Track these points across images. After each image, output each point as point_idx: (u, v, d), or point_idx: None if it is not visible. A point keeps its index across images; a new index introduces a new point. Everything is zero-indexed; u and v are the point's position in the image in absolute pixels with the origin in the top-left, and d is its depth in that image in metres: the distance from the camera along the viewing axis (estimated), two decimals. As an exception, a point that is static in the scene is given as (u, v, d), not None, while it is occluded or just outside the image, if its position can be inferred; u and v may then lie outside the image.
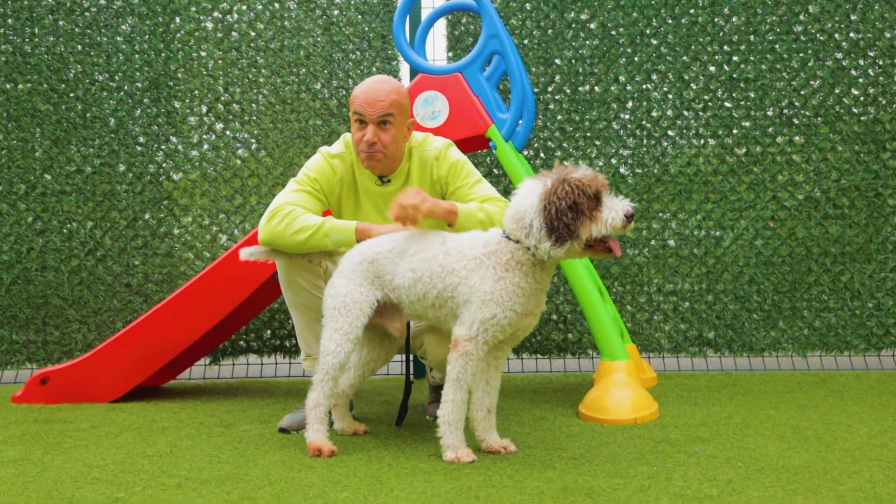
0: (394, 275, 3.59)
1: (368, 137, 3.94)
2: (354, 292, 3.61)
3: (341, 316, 3.59)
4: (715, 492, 2.96)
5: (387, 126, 3.96)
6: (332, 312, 3.62)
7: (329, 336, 3.60)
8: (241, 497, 3.00)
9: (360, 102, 3.94)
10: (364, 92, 3.96)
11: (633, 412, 4.18)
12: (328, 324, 3.63)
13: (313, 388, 3.63)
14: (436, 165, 4.14)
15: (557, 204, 3.23)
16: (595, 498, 2.91)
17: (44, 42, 5.65)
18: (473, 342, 3.39)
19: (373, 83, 4.02)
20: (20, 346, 5.63)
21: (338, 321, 3.59)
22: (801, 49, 5.69)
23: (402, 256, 3.58)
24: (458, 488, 3.06)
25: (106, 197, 5.67)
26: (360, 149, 3.98)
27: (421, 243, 3.58)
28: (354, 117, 3.97)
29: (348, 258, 3.70)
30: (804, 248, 5.67)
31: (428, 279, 3.50)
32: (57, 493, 3.10)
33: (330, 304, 3.64)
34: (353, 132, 4.02)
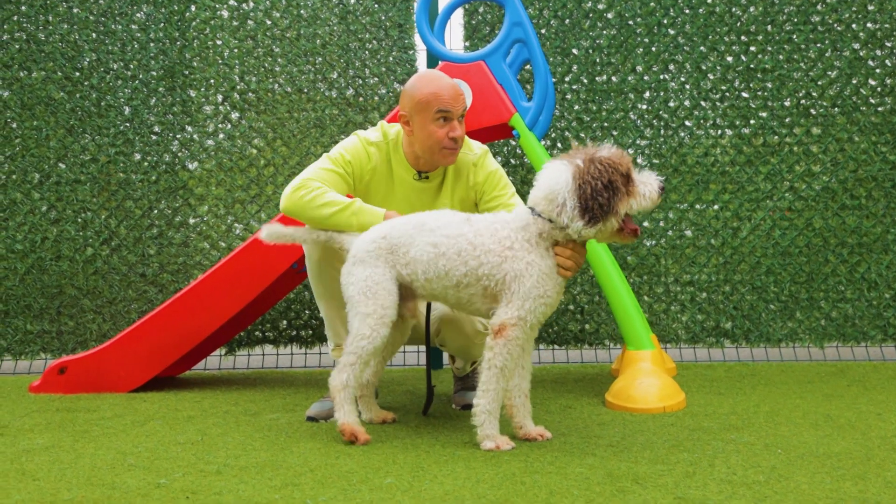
0: (409, 248, 3.52)
1: (459, 133, 3.93)
2: (374, 274, 3.52)
3: (368, 300, 3.50)
4: (762, 478, 2.95)
5: (462, 119, 3.98)
6: (358, 298, 3.53)
7: (362, 321, 3.50)
8: (284, 483, 2.97)
9: (446, 99, 3.89)
10: (445, 88, 3.91)
11: (661, 401, 4.17)
12: (356, 309, 3.53)
13: (340, 370, 3.52)
14: (473, 171, 4.13)
15: (593, 183, 3.22)
16: (642, 483, 2.90)
17: (58, 30, 5.61)
18: (521, 325, 3.36)
19: (441, 79, 3.98)
20: (34, 336, 5.59)
21: (366, 305, 3.50)
22: (819, 39, 5.68)
23: (418, 230, 3.52)
24: (501, 474, 3.04)
25: (121, 186, 5.62)
26: (445, 145, 3.94)
27: (441, 220, 3.53)
28: (438, 115, 3.89)
29: (359, 244, 3.62)
30: (821, 238, 5.67)
31: (455, 255, 3.43)
32: (96, 479, 3.07)
33: (352, 291, 3.55)
34: (430, 131, 3.92)
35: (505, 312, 3.37)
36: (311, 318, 5.73)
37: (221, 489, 2.91)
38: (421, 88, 3.93)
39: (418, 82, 3.97)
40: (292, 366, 5.88)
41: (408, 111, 3.97)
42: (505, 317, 3.37)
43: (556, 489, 2.85)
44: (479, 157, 4.14)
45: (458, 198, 4.14)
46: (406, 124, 4.00)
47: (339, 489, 2.89)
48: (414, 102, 3.93)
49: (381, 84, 5.74)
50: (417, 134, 3.97)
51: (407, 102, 3.96)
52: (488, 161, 4.16)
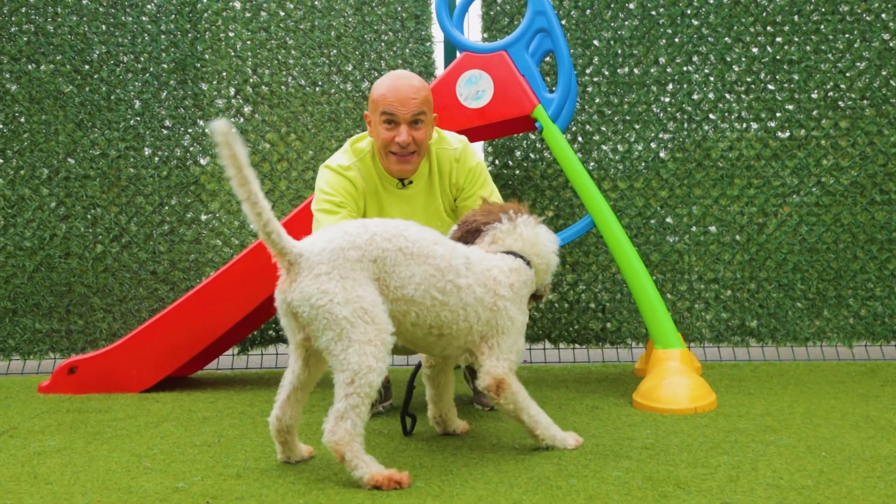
0: (403, 283, 3.00)
1: (403, 139, 3.76)
2: (367, 294, 2.89)
3: (367, 325, 2.84)
4: (810, 482, 2.82)
5: (419, 125, 3.81)
6: (353, 322, 2.83)
7: (361, 350, 2.82)
8: (308, 487, 2.85)
9: (389, 101, 3.74)
10: (392, 90, 3.76)
11: (692, 401, 4.03)
12: (351, 336, 2.82)
13: (341, 417, 2.84)
14: (455, 168, 4.03)
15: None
16: (685, 488, 2.77)
17: (67, 22, 5.47)
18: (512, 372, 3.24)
19: (398, 80, 3.81)
20: (43, 336, 5.46)
21: (364, 332, 2.83)
22: (847, 29, 5.54)
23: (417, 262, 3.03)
24: (534, 478, 2.92)
25: (131, 181, 5.49)
26: (391, 150, 3.81)
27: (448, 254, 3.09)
28: (382, 118, 3.77)
29: (335, 252, 2.91)
30: (850, 234, 5.52)
31: (461, 310, 3.10)
32: (112, 482, 2.95)
33: (341, 312, 2.82)
34: (378, 133, 3.83)
35: (494, 367, 3.19)
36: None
37: (243, 493, 2.79)
38: (376, 87, 3.83)
39: (379, 80, 3.87)
40: (307, 365, 5.74)
41: (368, 112, 3.90)
42: (498, 371, 3.19)
43: (594, 494, 2.72)
44: (460, 152, 4.03)
45: (445, 198, 4.05)
46: (369, 124, 3.91)
47: (367, 494, 2.78)
48: (370, 102, 3.86)
49: (397, 77, 5.60)
50: (373, 136, 3.89)
51: (369, 103, 3.89)
52: (469, 155, 4.06)
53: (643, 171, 5.57)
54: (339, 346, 2.83)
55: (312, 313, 2.85)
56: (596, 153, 5.59)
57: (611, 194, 5.57)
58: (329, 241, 2.93)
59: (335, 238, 2.94)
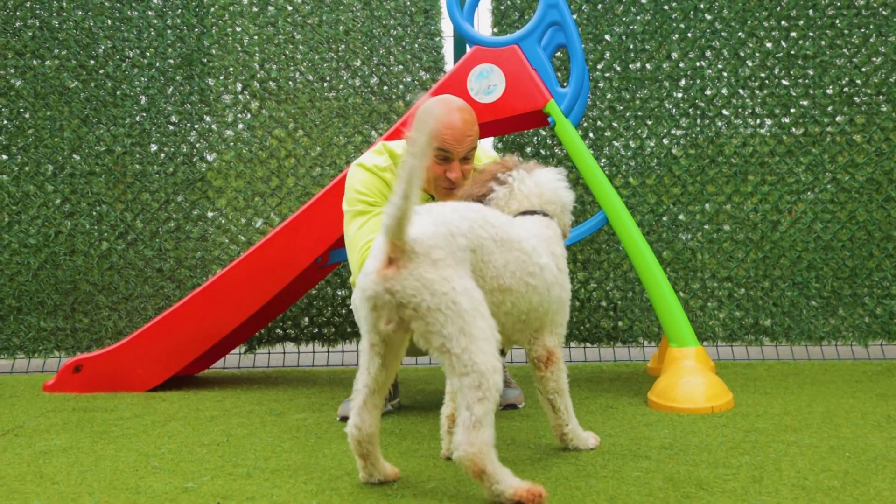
0: (499, 272, 2.80)
1: (456, 175, 3.68)
2: (476, 287, 2.63)
3: (484, 320, 2.57)
4: (837, 483, 2.74)
5: (468, 160, 3.73)
6: (474, 316, 2.55)
7: (483, 349, 2.52)
8: (320, 488, 2.77)
9: (445, 138, 3.62)
10: (448, 127, 3.61)
11: (708, 400, 3.96)
12: (473, 332, 2.53)
13: (475, 426, 2.47)
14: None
15: None
16: (708, 489, 2.69)
17: (72, 16, 5.42)
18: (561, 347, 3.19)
19: (452, 114, 3.65)
20: (48, 334, 5.39)
21: (484, 328, 2.55)
22: (863, 24, 5.47)
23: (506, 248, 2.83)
24: (552, 478, 2.84)
25: (137, 178, 5.43)
26: (441, 183, 3.73)
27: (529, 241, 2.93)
28: (438, 153, 3.64)
29: (451, 239, 2.64)
30: (865, 232, 5.45)
31: (545, 291, 2.96)
32: (119, 482, 2.88)
33: (466, 305, 2.53)
34: (430, 163, 3.69)
35: (550, 340, 3.12)
36: (334, 315, 5.53)
37: (254, 493, 2.72)
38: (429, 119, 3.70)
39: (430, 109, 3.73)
40: (314, 364, 5.69)
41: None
42: (552, 344, 3.12)
43: (614, 494, 2.65)
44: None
45: None
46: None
47: (381, 494, 2.70)
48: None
49: (406, 72, 5.54)
50: None
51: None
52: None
53: (655, 167, 5.50)
54: (461, 344, 2.51)
55: (434, 302, 2.52)
56: (607, 149, 5.52)
57: (622, 191, 5.50)
58: (436, 225, 2.64)
59: (439, 223, 2.66)
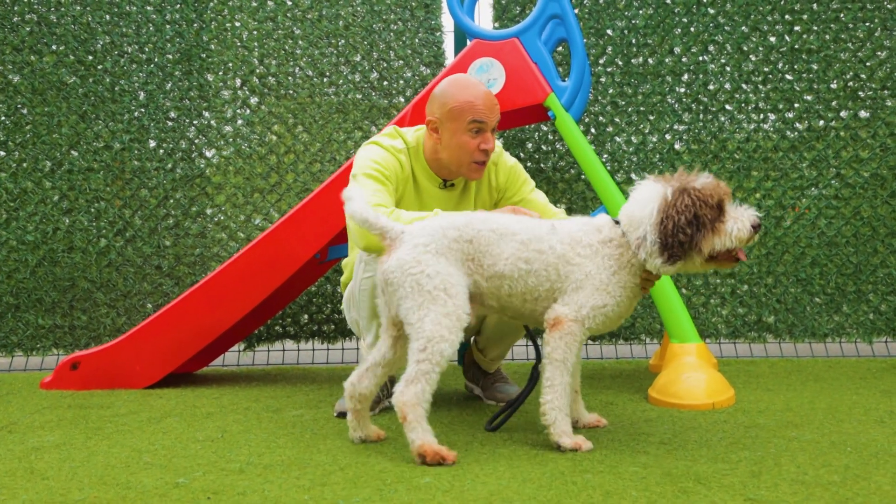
0: (494, 258, 3.16)
1: (491, 146, 3.71)
2: (454, 274, 3.08)
3: (449, 298, 3.02)
4: (837, 478, 2.69)
5: (495, 132, 3.78)
6: (435, 294, 3.01)
7: (437, 320, 2.99)
8: (312, 483, 2.74)
9: (482, 109, 3.66)
10: (480, 97, 3.68)
11: (709, 396, 3.92)
12: (431, 307, 3.00)
13: (412, 381, 2.98)
14: (493, 171, 3.98)
15: (676, 218, 3.04)
16: (705, 484, 2.65)
17: (70, 11, 5.38)
18: (579, 324, 3.13)
19: (477, 86, 3.74)
20: (46, 331, 5.36)
21: (445, 304, 3.00)
22: (868, 18, 5.42)
23: (506, 240, 3.17)
24: (548, 473, 2.81)
25: (135, 174, 5.39)
26: (475, 158, 3.72)
27: (528, 228, 3.21)
28: (472, 126, 3.65)
29: (439, 231, 3.13)
30: (870, 227, 5.40)
31: (543, 272, 3.16)
32: (110, 478, 2.84)
33: (427, 284, 3.02)
34: (462, 142, 3.69)
35: (562, 309, 3.15)
36: (333, 313, 5.49)
37: (245, 489, 2.68)
38: (455, 95, 3.69)
39: (452, 88, 3.73)
40: (314, 362, 5.64)
41: (438, 117, 3.73)
42: (561, 312, 3.14)
43: (611, 489, 2.61)
44: (497, 156, 3.98)
45: (481, 201, 3.98)
46: (434, 131, 3.76)
47: (374, 489, 2.66)
48: (446, 109, 3.70)
49: (406, 67, 5.50)
50: (447, 143, 3.74)
51: (437, 108, 3.73)
52: (505, 158, 4.02)
53: (658, 163, 5.46)
54: (417, 315, 3.02)
55: (402, 279, 3.06)
56: (609, 145, 5.48)
57: (625, 187, 5.45)
58: (432, 222, 3.18)
59: (437, 222, 3.18)
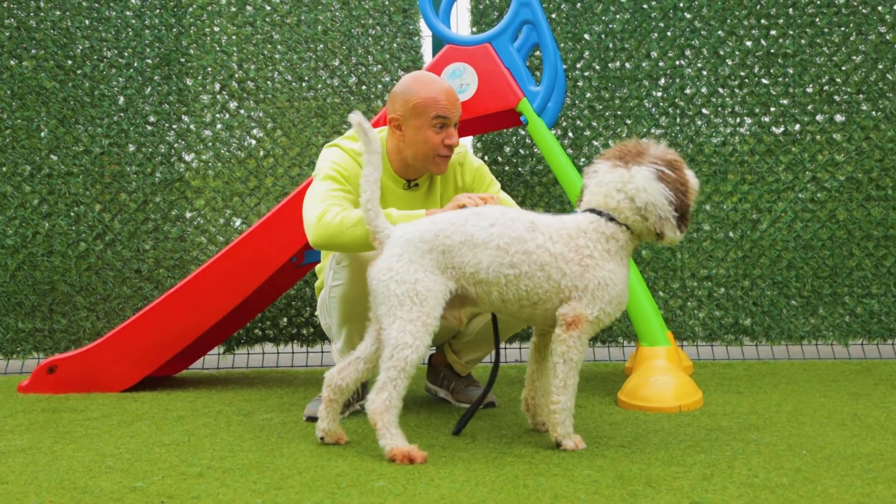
0: (476, 269, 3.14)
1: (455, 140, 3.77)
2: (426, 280, 3.12)
3: (415, 305, 3.08)
4: (786, 481, 2.72)
5: (457, 127, 3.82)
6: (402, 300, 3.08)
7: (402, 327, 3.07)
8: (268, 486, 2.77)
9: (444, 104, 3.72)
10: (443, 93, 3.74)
11: (677, 399, 3.95)
12: (397, 313, 3.09)
13: (380, 389, 3.06)
14: (459, 171, 4.01)
15: (682, 189, 3.16)
16: (655, 487, 2.67)
17: (50, 16, 5.41)
18: (595, 324, 3.17)
19: (436, 83, 3.80)
20: (26, 335, 5.39)
21: (411, 311, 3.07)
22: (843, 23, 5.44)
23: (480, 249, 3.14)
24: (503, 477, 2.83)
25: (115, 178, 5.42)
26: (440, 153, 3.77)
27: (506, 231, 3.16)
28: (436, 121, 3.71)
29: (409, 241, 3.17)
30: (845, 231, 5.42)
31: (539, 271, 3.13)
32: (69, 482, 2.87)
33: (395, 290, 3.10)
34: (426, 137, 3.74)
35: (581, 307, 3.15)
36: (313, 315, 5.52)
37: (200, 493, 2.71)
38: (418, 91, 3.74)
39: (414, 85, 3.78)
40: (293, 365, 5.67)
41: (401, 115, 3.77)
42: (581, 310, 3.15)
43: (560, 493, 2.63)
44: (463, 157, 4.02)
45: (446, 201, 3.97)
46: (398, 128, 3.80)
47: (327, 492, 2.69)
48: (409, 106, 3.74)
49: (384, 72, 5.53)
50: (410, 139, 3.78)
51: (400, 106, 3.76)
52: (471, 158, 4.06)
53: (635, 166, 5.47)
54: (387, 322, 3.12)
55: (376, 286, 3.17)
56: (587, 149, 5.50)
57: (602, 190, 5.47)
58: (409, 230, 3.22)
59: (413, 229, 3.22)
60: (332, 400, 3.35)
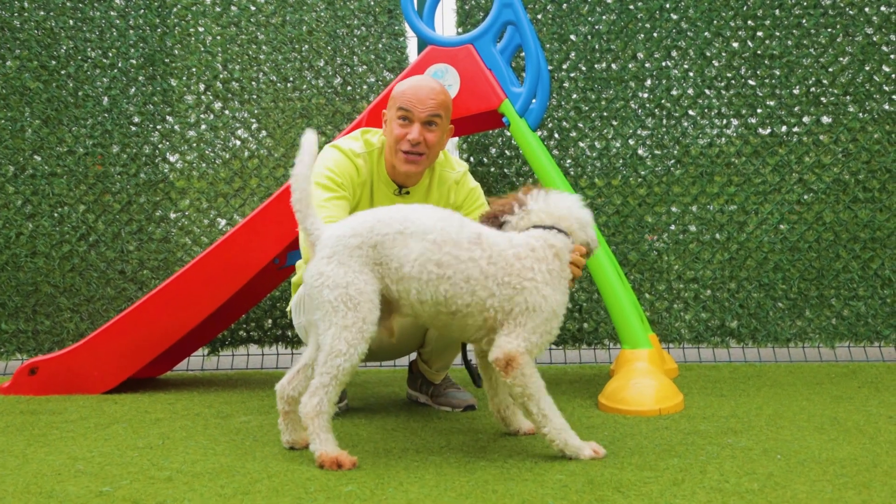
0: (402, 259, 3.06)
1: (414, 136, 3.73)
2: (357, 281, 3.04)
3: (349, 311, 3.01)
4: (756, 486, 2.70)
5: (433, 127, 3.78)
6: (336, 306, 3.02)
7: (337, 334, 3.00)
8: (235, 491, 2.75)
9: (407, 98, 3.73)
10: (412, 88, 3.76)
11: (657, 403, 3.92)
12: (331, 319, 3.02)
13: (312, 393, 3.04)
14: (454, 189, 4.02)
15: None
16: (624, 492, 2.65)
17: (34, 16, 5.39)
18: (528, 355, 3.07)
19: (420, 80, 3.84)
20: (9, 336, 5.36)
21: (346, 317, 3.01)
22: (830, 24, 5.41)
23: (415, 239, 3.06)
24: (473, 481, 2.81)
25: (99, 179, 5.40)
26: (400, 147, 3.76)
27: (447, 231, 3.09)
28: (399, 113, 3.74)
29: (338, 238, 3.10)
30: (832, 233, 5.40)
31: (463, 282, 3.04)
32: (35, 486, 2.85)
33: (328, 296, 3.03)
34: (391, 129, 3.78)
35: (508, 342, 3.06)
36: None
37: (166, 497, 2.69)
38: (398, 86, 3.81)
39: (402, 83, 3.85)
40: (278, 366, 5.65)
41: (385, 111, 3.87)
42: (510, 347, 3.05)
43: (529, 498, 2.62)
44: (461, 176, 4.04)
45: None
46: (384, 122, 3.88)
47: (294, 497, 2.67)
48: (389, 98, 3.83)
49: (370, 72, 5.51)
50: (386, 133, 3.86)
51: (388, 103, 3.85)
52: (468, 180, 4.07)
53: (621, 168, 5.46)
54: (323, 327, 3.07)
55: (310, 290, 3.12)
56: (573, 150, 5.48)
57: (588, 192, 5.46)
58: (338, 227, 3.16)
59: (343, 226, 3.16)
60: (288, 412, 3.32)
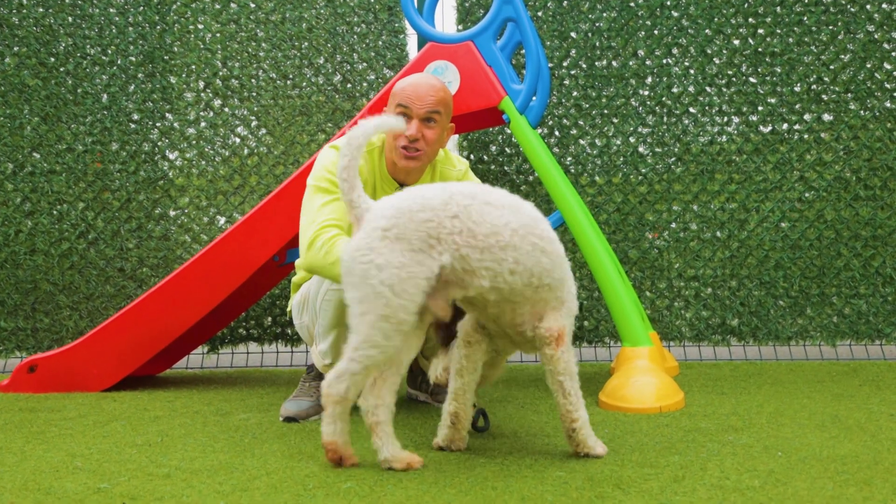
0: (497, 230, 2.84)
1: (412, 132, 3.69)
2: (412, 265, 2.77)
3: (394, 297, 2.74)
4: (757, 483, 2.69)
5: (432, 124, 3.75)
6: (381, 291, 2.75)
7: (375, 324, 2.75)
8: (234, 488, 2.73)
9: (407, 94, 3.70)
10: (411, 84, 3.73)
11: (657, 400, 3.91)
12: (371, 306, 2.76)
13: (341, 378, 2.80)
14: None
15: None
16: (624, 489, 2.64)
17: (32, 13, 5.38)
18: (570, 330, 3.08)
19: (420, 77, 3.82)
20: (8, 334, 5.35)
21: (388, 304, 2.75)
22: (831, 21, 5.40)
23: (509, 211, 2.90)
24: (472, 478, 2.80)
25: (98, 177, 5.39)
26: (399, 143, 3.73)
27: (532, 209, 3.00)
28: (397, 109, 3.70)
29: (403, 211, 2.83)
30: (833, 231, 5.38)
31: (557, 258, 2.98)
32: (33, 483, 2.84)
33: (374, 277, 2.75)
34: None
35: (557, 319, 3.02)
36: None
37: (164, 494, 2.68)
38: (399, 83, 3.79)
39: (403, 78, 3.84)
40: (278, 364, 5.64)
41: (386, 105, 3.86)
42: (560, 323, 3.02)
43: (528, 495, 2.60)
44: (462, 173, 4.01)
45: None
46: None
47: (293, 494, 2.66)
48: (390, 95, 3.81)
49: (370, 69, 5.50)
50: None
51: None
52: (469, 177, 4.04)
53: (622, 166, 5.45)
54: (359, 309, 2.78)
55: (352, 267, 2.81)
56: (573, 148, 5.47)
57: (588, 190, 5.45)
58: (399, 199, 2.88)
59: (403, 199, 2.88)
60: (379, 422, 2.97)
